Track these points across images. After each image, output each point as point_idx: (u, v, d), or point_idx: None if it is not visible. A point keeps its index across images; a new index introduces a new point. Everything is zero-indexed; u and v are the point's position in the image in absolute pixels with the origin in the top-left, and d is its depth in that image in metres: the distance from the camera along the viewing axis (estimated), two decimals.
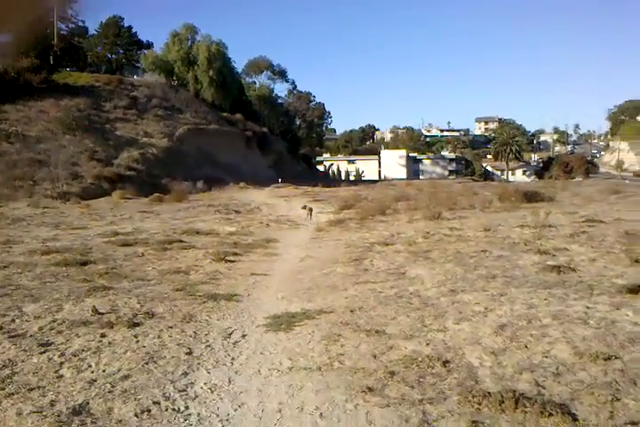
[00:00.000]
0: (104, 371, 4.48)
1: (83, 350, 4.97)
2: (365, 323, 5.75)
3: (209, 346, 5.25)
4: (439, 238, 11.96)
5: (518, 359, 4.47)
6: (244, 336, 5.63)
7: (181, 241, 13.22)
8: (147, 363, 4.67)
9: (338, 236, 14.41)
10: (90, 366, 4.61)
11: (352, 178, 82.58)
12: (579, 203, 20.17)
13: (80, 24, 60.60)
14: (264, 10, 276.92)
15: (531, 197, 20.80)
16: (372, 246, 11.52)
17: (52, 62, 47.37)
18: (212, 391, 4.13)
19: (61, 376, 4.36)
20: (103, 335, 5.47)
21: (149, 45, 62.77)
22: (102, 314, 6.28)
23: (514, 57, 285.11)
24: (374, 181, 63.25)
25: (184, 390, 4.13)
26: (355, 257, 10.29)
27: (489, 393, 3.77)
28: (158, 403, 3.88)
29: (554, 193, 22.74)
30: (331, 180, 65.30)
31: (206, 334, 5.64)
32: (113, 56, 60.60)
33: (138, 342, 5.28)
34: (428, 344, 4.93)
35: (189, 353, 4.99)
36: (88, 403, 3.83)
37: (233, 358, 4.89)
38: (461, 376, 4.18)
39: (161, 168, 38.25)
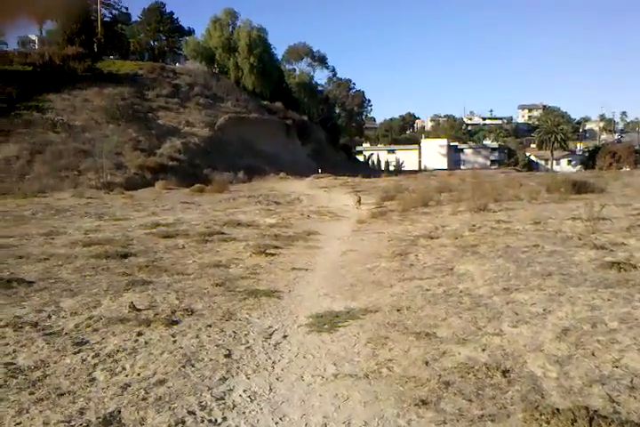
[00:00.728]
0: (139, 375, 4.25)
1: (118, 351, 4.76)
2: (414, 324, 5.39)
3: (249, 348, 4.97)
4: (486, 231, 11.47)
5: (586, 369, 4.06)
6: (285, 337, 5.33)
7: (222, 233, 13.06)
8: (183, 366, 4.42)
9: (380, 228, 14.03)
10: (124, 368, 4.39)
11: (392, 168, 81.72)
12: (631, 194, 19.24)
13: (123, 11, 61.29)
14: None
15: (580, 187, 19.97)
16: (417, 240, 11.11)
17: (95, 50, 47.89)
18: (251, 400, 3.85)
19: (94, 380, 4.15)
20: (140, 334, 5.26)
21: (191, 32, 63.21)
22: (140, 310, 6.09)
23: (558, 42, 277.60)
24: (415, 172, 62.40)
25: (222, 399, 3.86)
26: (399, 251, 9.91)
27: (558, 410, 3.38)
28: (194, 413, 3.61)
29: (604, 184, 21.82)
30: (370, 170, 64.63)
31: (246, 334, 5.36)
32: (155, 43, 61.08)
33: (175, 342, 5.05)
34: (484, 350, 4.54)
35: (228, 356, 4.72)
36: (120, 412, 3.59)
37: (274, 362, 4.60)
38: (524, 389, 3.79)
39: (202, 158, 38.36)
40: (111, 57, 51.29)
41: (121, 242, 11.42)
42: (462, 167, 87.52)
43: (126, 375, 4.24)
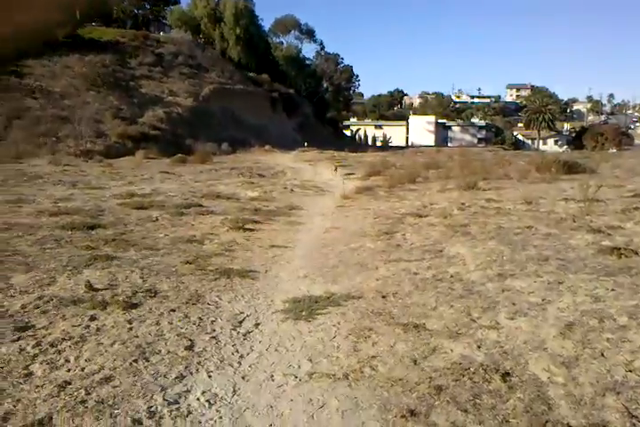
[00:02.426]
0: (82, 370, 3.66)
1: (64, 339, 4.16)
2: (401, 313, 4.84)
3: (214, 338, 4.38)
4: (476, 211, 10.95)
5: (597, 374, 3.54)
6: (257, 325, 4.75)
7: (200, 205, 12.41)
8: (136, 360, 3.84)
9: (366, 204, 13.45)
10: (67, 361, 3.79)
11: (379, 144, 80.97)
12: (622, 176, 18.81)
13: None
14: None
15: (570, 167, 19.51)
16: (404, 218, 10.55)
17: (78, 17, 46.27)
18: (209, 405, 3.28)
19: (30, 375, 3.56)
20: (93, 319, 4.66)
21: (177, 1, 61.11)
22: (97, 290, 5.47)
23: (548, 23, 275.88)
24: (402, 148, 61.71)
25: (175, 402, 3.28)
26: (385, 230, 9.34)
27: None
28: (140, 422, 3.04)
29: (594, 164, 21.36)
30: (357, 145, 63.76)
31: (213, 322, 4.77)
32: (139, 11, 59.11)
33: (131, 329, 4.45)
34: (479, 347, 4.01)
35: (190, 348, 4.13)
36: (51, 418, 3.01)
37: (241, 357, 4.03)
38: (528, 397, 3.27)
39: (185, 128, 37.35)
40: (93, 24, 49.56)
41: (91, 212, 10.73)
42: (449, 145, 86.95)
43: (68, 370, 3.66)
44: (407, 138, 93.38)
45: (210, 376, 3.68)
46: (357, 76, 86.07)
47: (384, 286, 5.77)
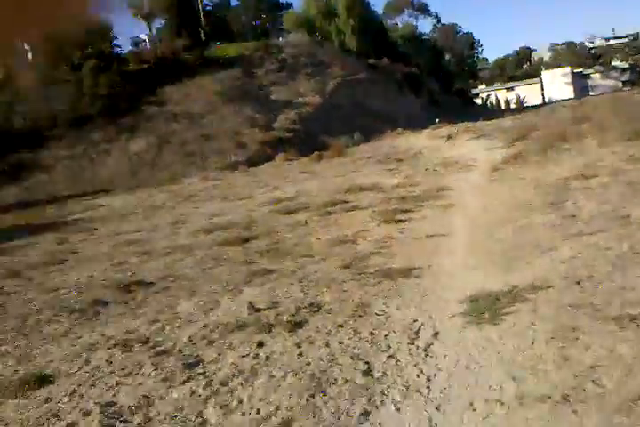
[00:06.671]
0: (258, 412, 3.30)
1: (234, 375, 3.84)
2: (606, 303, 4.00)
3: (392, 357, 3.86)
4: None
5: None
6: (436, 335, 4.15)
7: (345, 201, 12.04)
8: (312, 395, 3.41)
9: (519, 174, 12.24)
10: (240, 402, 3.46)
11: (513, 106, 76.66)
12: None
13: None
14: None
15: None
16: (567, 183, 9.32)
17: (203, 39, 48.83)
18: None
19: (205, 423, 3.27)
20: (260, 345, 4.34)
21: (289, 5, 63.01)
22: (260, 311, 5.20)
23: None
24: (539, 106, 57.80)
25: None
26: (551, 199, 8.24)
27: None
28: None
29: None
30: (490, 111, 60.59)
31: (386, 336, 4.25)
32: (257, 22, 61.47)
33: (301, 354, 4.06)
34: None
35: (367, 373, 3.63)
36: None
37: (429, 380, 3.46)
38: None
39: (317, 125, 37.69)
40: (217, 43, 51.99)
41: (242, 224, 10.77)
42: (591, 93, 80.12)
43: (242, 414, 3.32)
44: (543, 95, 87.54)
45: (398, 409, 3.16)
46: (479, 41, 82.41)
47: (573, 270, 4.91)
